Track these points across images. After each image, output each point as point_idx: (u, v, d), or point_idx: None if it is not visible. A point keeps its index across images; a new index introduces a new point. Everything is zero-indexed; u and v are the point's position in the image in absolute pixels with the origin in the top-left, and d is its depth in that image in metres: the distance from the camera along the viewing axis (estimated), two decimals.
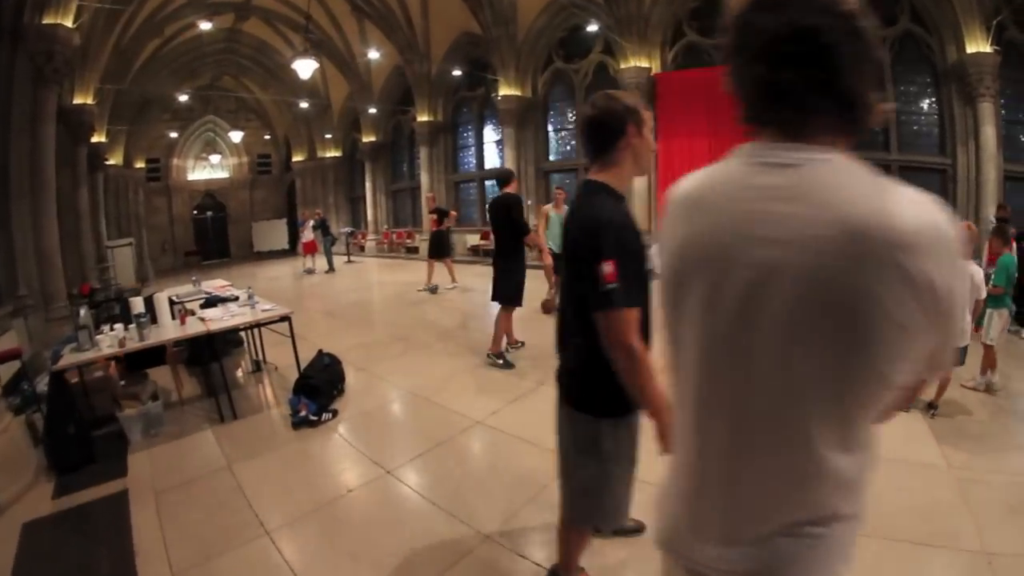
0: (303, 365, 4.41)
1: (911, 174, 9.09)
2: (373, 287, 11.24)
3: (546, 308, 6.81)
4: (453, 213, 10.57)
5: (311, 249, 14.13)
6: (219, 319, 4.33)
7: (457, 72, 13.51)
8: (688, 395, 0.84)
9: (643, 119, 1.58)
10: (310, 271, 13.62)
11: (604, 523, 1.80)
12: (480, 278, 10.68)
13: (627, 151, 1.58)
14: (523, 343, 5.32)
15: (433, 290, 9.15)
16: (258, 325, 4.64)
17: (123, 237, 15.43)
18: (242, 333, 5.11)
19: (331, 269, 13.56)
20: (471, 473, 3.16)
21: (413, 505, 2.79)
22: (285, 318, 4.48)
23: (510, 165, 12.62)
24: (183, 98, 16.69)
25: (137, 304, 4.06)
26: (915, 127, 9.14)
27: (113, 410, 3.80)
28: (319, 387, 4.09)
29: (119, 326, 4.03)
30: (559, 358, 1.79)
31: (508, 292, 4.99)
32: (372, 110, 16.50)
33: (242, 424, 3.95)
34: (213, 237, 22.70)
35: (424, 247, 15.36)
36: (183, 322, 4.25)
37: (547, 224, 6.56)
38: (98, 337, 3.75)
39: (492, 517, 2.58)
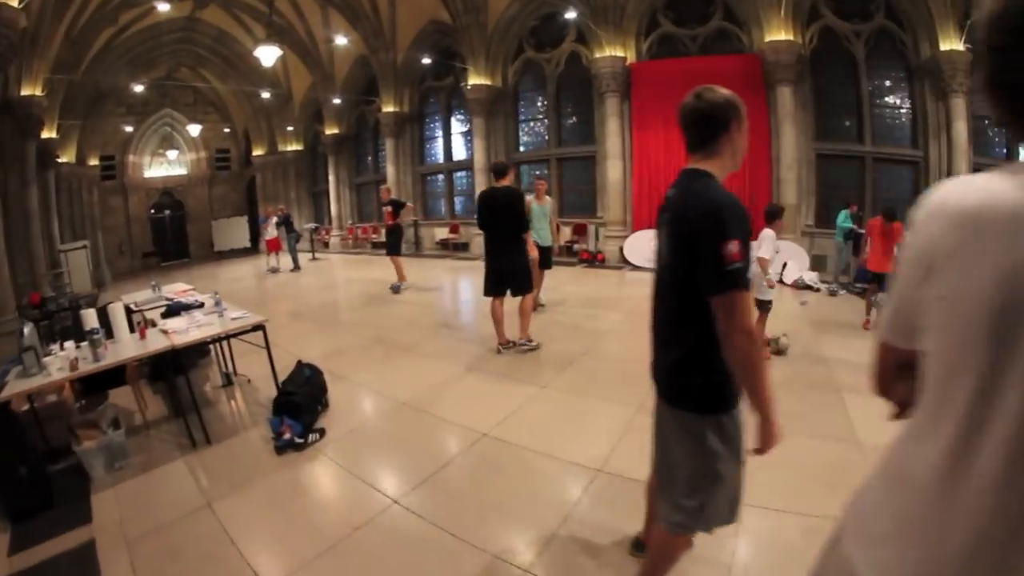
0: (280, 378, 4.04)
1: (884, 166, 9.26)
2: (341, 285, 10.85)
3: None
4: (410, 206, 10.05)
5: (275, 247, 13.44)
6: (184, 331, 3.85)
7: (426, 60, 13.08)
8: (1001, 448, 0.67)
9: (743, 115, 1.64)
10: (274, 270, 12.97)
11: (716, 525, 1.70)
12: (451, 273, 10.76)
13: (728, 144, 1.62)
14: (514, 343, 5.10)
15: (396, 289, 8.62)
16: (229, 337, 4.20)
17: (77, 240, 14.45)
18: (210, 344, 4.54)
19: (296, 267, 12.97)
20: (491, 496, 2.80)
21: (433, 540, 2.43)
22: (259, 327, 4.03)
23: (479, 156, 12.40)
24: (139, 89, 15.76)
25: (89, 318, 3.54)
26: (888, 120, 9.31)
27: (70, 441, 3.32)
28: (302, 404, 3.67)
29: (70, 344, 3.63)
30: (655, 354, 1.75)
31: (524, 284, 5.02)
32: (336, 100, 15.98)
33: (218, 450, 3.53)
34: (172, 237, 21.58)
35: None
36: (143, 336, 3.80)
37: (532, 215, 6.32)
38: (47, 359, 3.29)
39: (527, 545, 2.33)
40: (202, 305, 4.78)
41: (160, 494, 3.02)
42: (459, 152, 14.33)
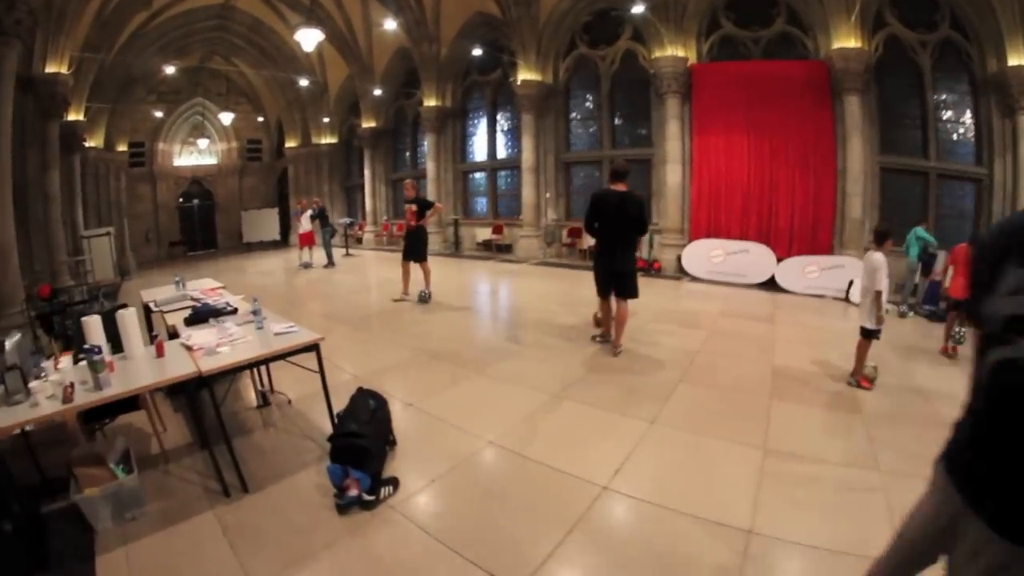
0: (335, 407, 3.36)
1: (947, 182, 9.09)
2: (378, 286, 10.28)
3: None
4: (439, 206, 9.49)
5: (308, 241, 13.19)
6: (212, 349, 3.11)
7: (477, 51, 12.67)
8: None
9: None
10: (307, 265, 12.83)
11: None
12: (496, 276, 10.47)
13: None
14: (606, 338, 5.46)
15: (424, 298, 7.95)
16: (274, 359, 3.30)
17: (103, 226, 14.62)
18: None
19: (330, 263, 12.72)
20: None
21: None
22: (312, 347, 3.30)
23: (528, 155, 12.29)
24: (170, 72, 15.62)
25: (93, 329, 2.91)
26: (952, 135, 9.11)
27: (69, 481, 2.69)
28: (370, 449, 2.92)
29: (66, 362, 3.05)
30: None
31: (632, 288, 5.21)
32: (377, 92, 15.82)
33: (258, 502, 2.82)
34: (200, 227, 21.94)
35: (431, 239, 15.19)
36: (160, 353, 3.10)
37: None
38: (35, 384, 2.62)
39: None
40: (235, 311, 4.14)
41: (185, 564, 2.39)
42: (503, 150, 14.32)
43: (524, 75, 12.03)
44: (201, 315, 4.02)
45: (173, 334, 3.88)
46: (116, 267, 14.31)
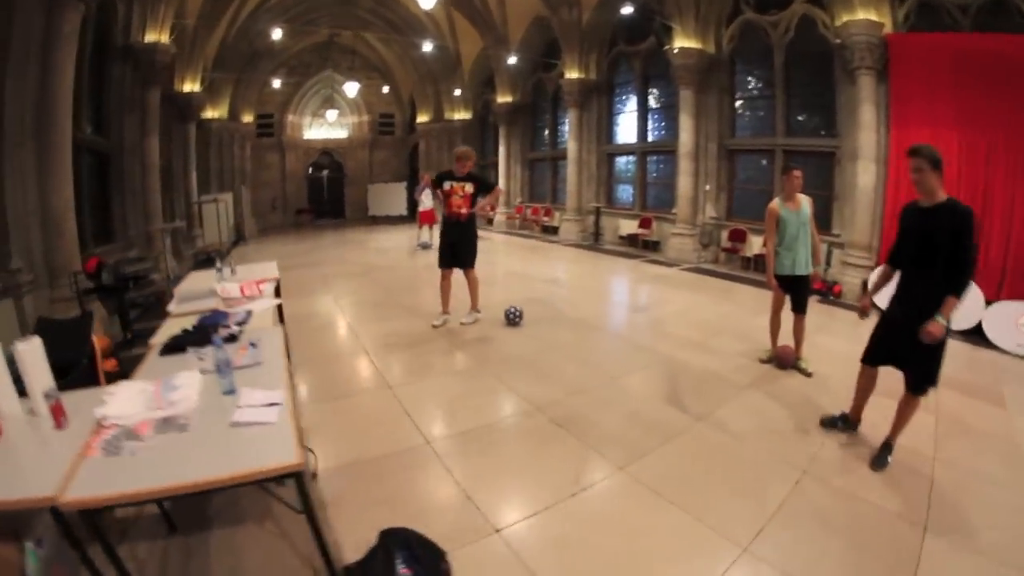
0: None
1: None
2: (503, 280, 9.73)
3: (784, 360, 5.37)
4: (499, 188, 8.09)
5: (429, 219, 13.26)
6: (114, 442, 2.02)
7: (627, 9, 12.15)
8: None
9: None
10: (426, 246, 13.11)
11: None
12: (649, 283, 9.90)
13: None
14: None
15: (471, 320, 6.79)
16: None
17: (225, 192, 17.09)
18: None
19: None
20: None
21: None
22: (290, 475, 1.94)
23: (686, 138, 11.90)
24: (298, 50, 17.69)
25: None
26: None
27: None
28: None
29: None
30: None
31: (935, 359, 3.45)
32: (512, 60, 16.13)
33: None
34: (328, 197, 24.67)
35: (568, 227, 15.48)
36: (59, 422, 2.17)
37: (779, 228, 5.08)
38: None
39: None
40: (235, 337, 3.16)
41: None
42: (654, 132, 14.01)
43: (682, 42, 11.53)
44: (192, 338, 3.07)
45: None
46: (232, 232, 16.66)
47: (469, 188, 6.45)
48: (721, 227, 11.74)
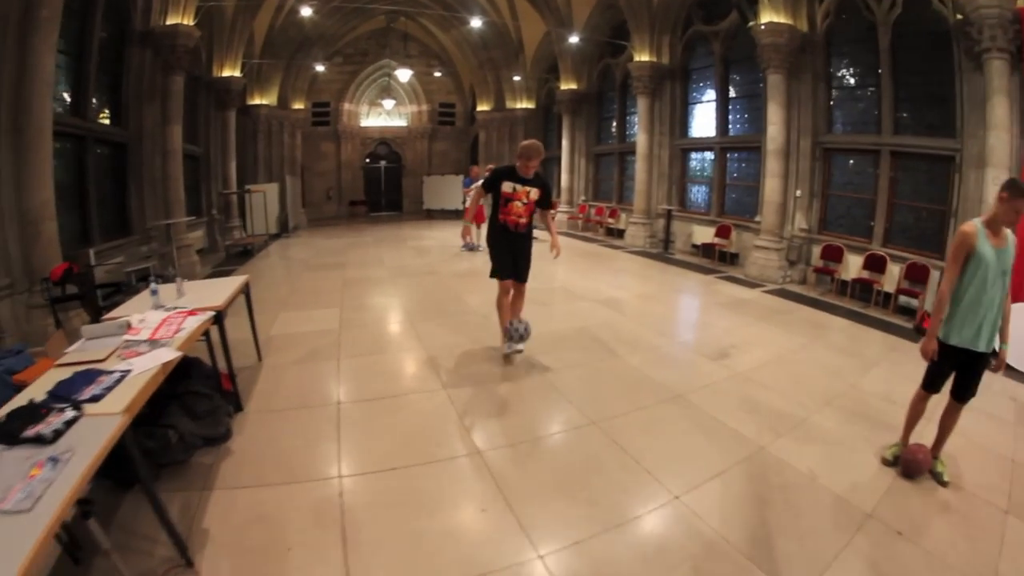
0: None
1: None
2: (569, 300, 8.62)
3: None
4: (556, 202, 7.03)
5: (476, 218, 12.30)
6: None
7: None
8: None
9: None
10: (471, 247, 12.59)
11: None
12: (716, 310, 8.53)
13: None
14: None
15: (520, 335, 5.54)
16: None
17: (273, 182, 17.32)
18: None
19: None
20: None
21: None
22: None
23: (775, 132, 10.56)
24: (353, 33, 17.61)
25: None
26: None
27: None
28: None
29: None
30: None
31: None
32: (573, 39, 15.28)
33: None
34: (385, 188, 24.78)
35: (635, 232, 14.58)
36: None
37: (967, 268, 3.46)
38: None
39: None
40: (42, 441, 2.21)
41: None
42: (736, 125, 12.82)
43: (769, 17, 10.34)
44: (22, 418, 2.36)
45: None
46: (278, 222, 16.85)
47: (535, 195, 5.49)
48: (812, 241, 10.52)
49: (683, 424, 4.46)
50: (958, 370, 3.59)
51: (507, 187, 5.44)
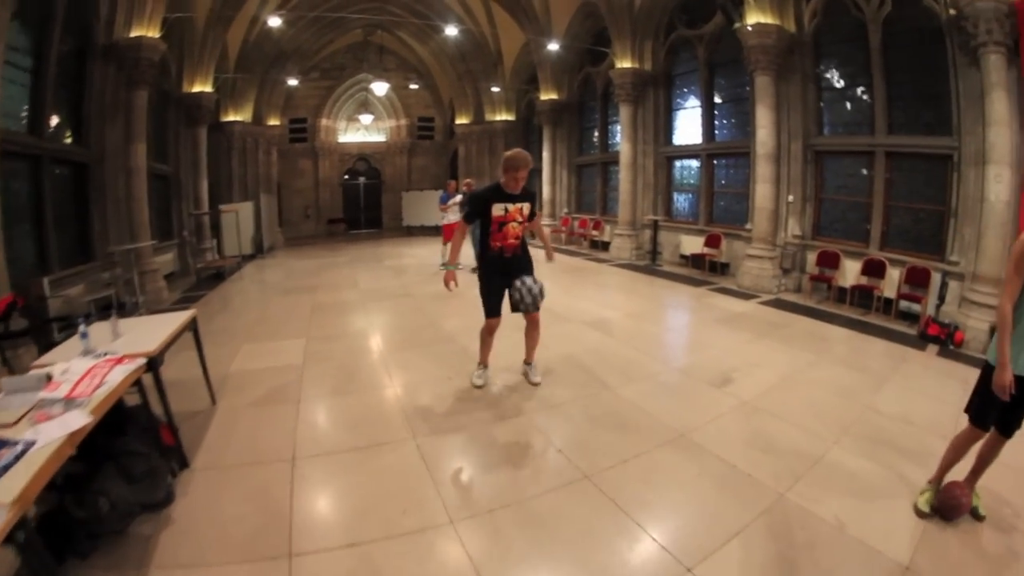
0: None
1: None
2: (554, 322, 7.36)
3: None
4: (540, 214, 6.46)
5: (447, 236, 11.92)
6: None
7: None
8: None
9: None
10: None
11: None
12: (711, 326, 7.92)
13: None
14: None
15: (532, 377, 5.33)
16: None
17: (248, 201, 16.83)
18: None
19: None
20: None
21: None
22: None
23: (765, 136, 10.23)
24: (330, 47, 17.26)
25: None
26: None
27: None
28: None
29: None
30: None
31: None
32: (554, 46, 14.92)
33: None
34: (365, 205, 24.43)
35: (620, 244, 14.05)
36: None
37: None
38: None
39: None
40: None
41: None
42: (722, 130, 12.48)
43: (756, 18, 9.95)
44: None
45: None
46: (254, 242, 16.29)
47: (527, 210, 4.87)
48: (806, 248, 10.08)
49: (689, 471, 3.81)
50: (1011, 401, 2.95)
51: (498, 210, 4.72)
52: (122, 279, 9.55)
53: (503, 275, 4.93)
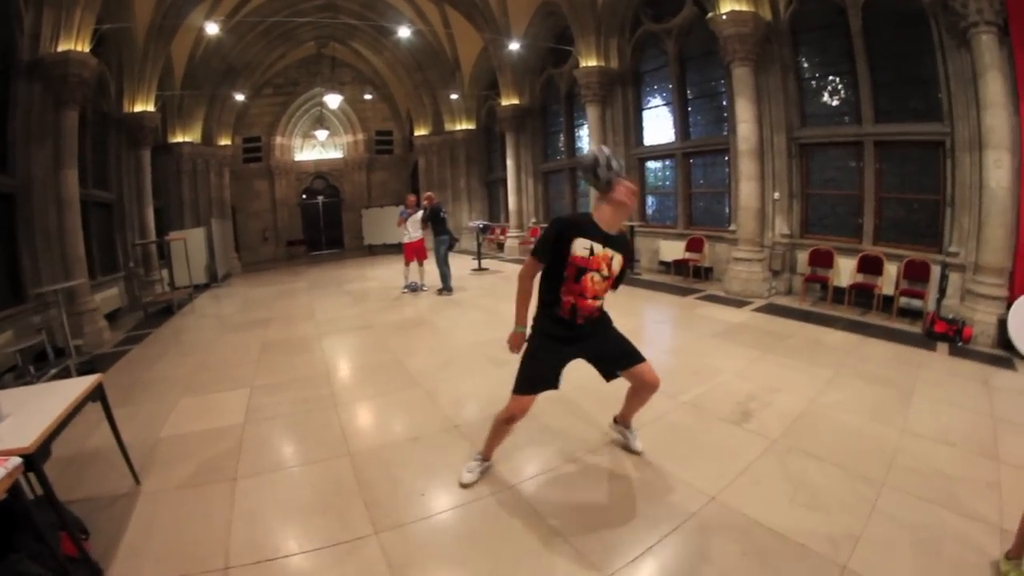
0: None
1: None
2: None
3: None
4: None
5: (417, 254, 11.38)
6: None
7: None
8: None
9: None
10: (413, 288, 11.41)
11: None
12: (702, 341, 7.08)
13: None
14: None
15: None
16: None
17: (200, 227, 15.99)
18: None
19: (445, 288, 10.92)
20: None
21: None
22: None
23: (746, 131, 9.75)
24: (281, 61, 16.58)
25: None
26: None
27: None
28: None
29: None
30: None
31: None
32: (514, 46, 14.20)
33: None
34: (325, 225, 23.73)
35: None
36: None
37: None
38: None
39: None
40: None
41: None
42: (698, 127, 12.02)
43: (731, 6, 9.46)
44: None
45: None
46: (207, 271, 15.50)
47: (617, 265, 3.41)
48: (795, 247, 9.61)
49: (730, 556, 2.90)
50: None
51: (581, 248, 3.25)
52: (56, 322, 8.58)
53: (567, 343, 3.52)
